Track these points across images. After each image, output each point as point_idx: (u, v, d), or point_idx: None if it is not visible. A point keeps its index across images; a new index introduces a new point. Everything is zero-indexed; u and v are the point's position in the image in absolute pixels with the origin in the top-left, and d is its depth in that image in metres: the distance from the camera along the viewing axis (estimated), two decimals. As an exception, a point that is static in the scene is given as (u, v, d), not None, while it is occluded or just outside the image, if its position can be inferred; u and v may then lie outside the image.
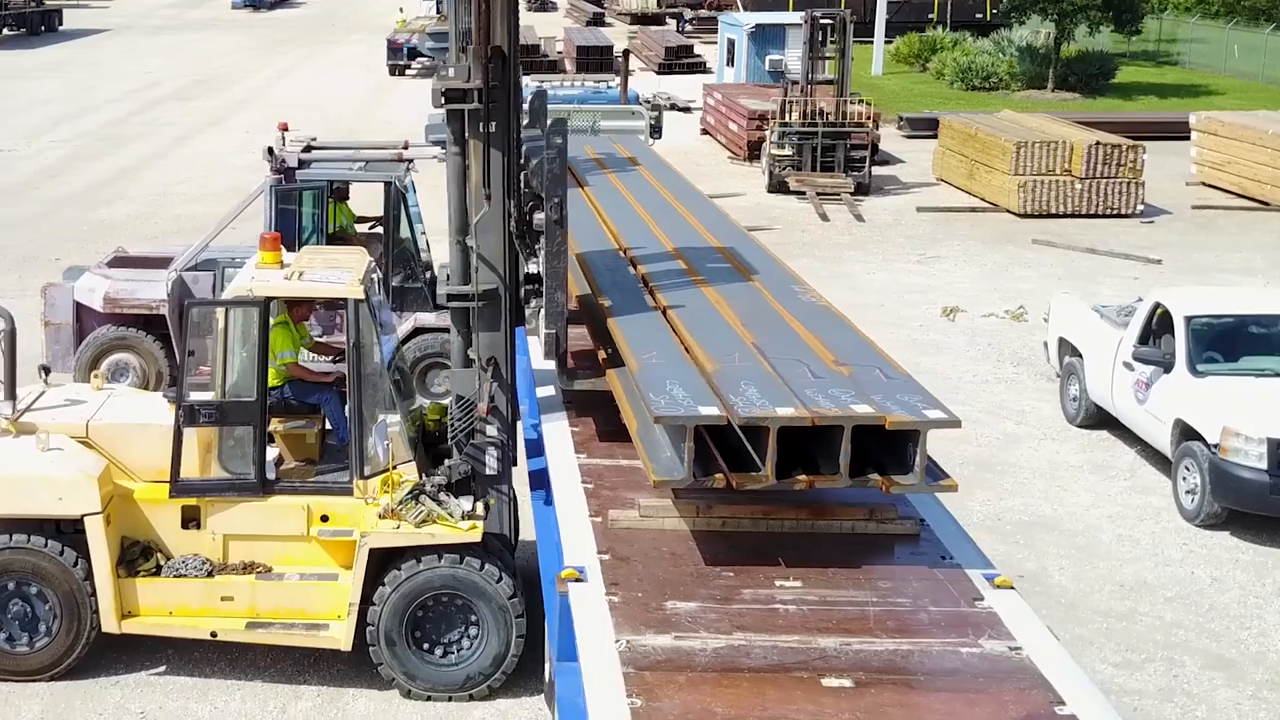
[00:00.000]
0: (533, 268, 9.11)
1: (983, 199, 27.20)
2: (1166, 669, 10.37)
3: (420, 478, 9.28)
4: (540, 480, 9.56)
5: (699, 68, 47.64)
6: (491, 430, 9.49)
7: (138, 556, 9.36)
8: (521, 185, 9.25)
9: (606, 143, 17.75)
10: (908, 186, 29.11)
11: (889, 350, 8.84)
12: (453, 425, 9.45)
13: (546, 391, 10.18)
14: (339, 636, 9.22)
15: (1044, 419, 15.51)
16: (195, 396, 9.32)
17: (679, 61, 49.29)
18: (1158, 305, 13.81)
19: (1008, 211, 26.11)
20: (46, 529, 9.24)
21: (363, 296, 9.20)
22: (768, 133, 28.15)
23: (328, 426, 10.01)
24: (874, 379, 7.90)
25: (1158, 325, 13.81)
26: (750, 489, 7.48)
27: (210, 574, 9.34)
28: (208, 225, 15.78)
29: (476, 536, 9.04)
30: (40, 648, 9.32)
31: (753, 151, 30.57)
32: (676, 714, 6.20)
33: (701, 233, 11.82)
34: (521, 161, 9.30)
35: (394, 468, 9.27)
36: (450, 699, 9.39)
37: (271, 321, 9.70)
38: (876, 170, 29.84)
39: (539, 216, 8.82)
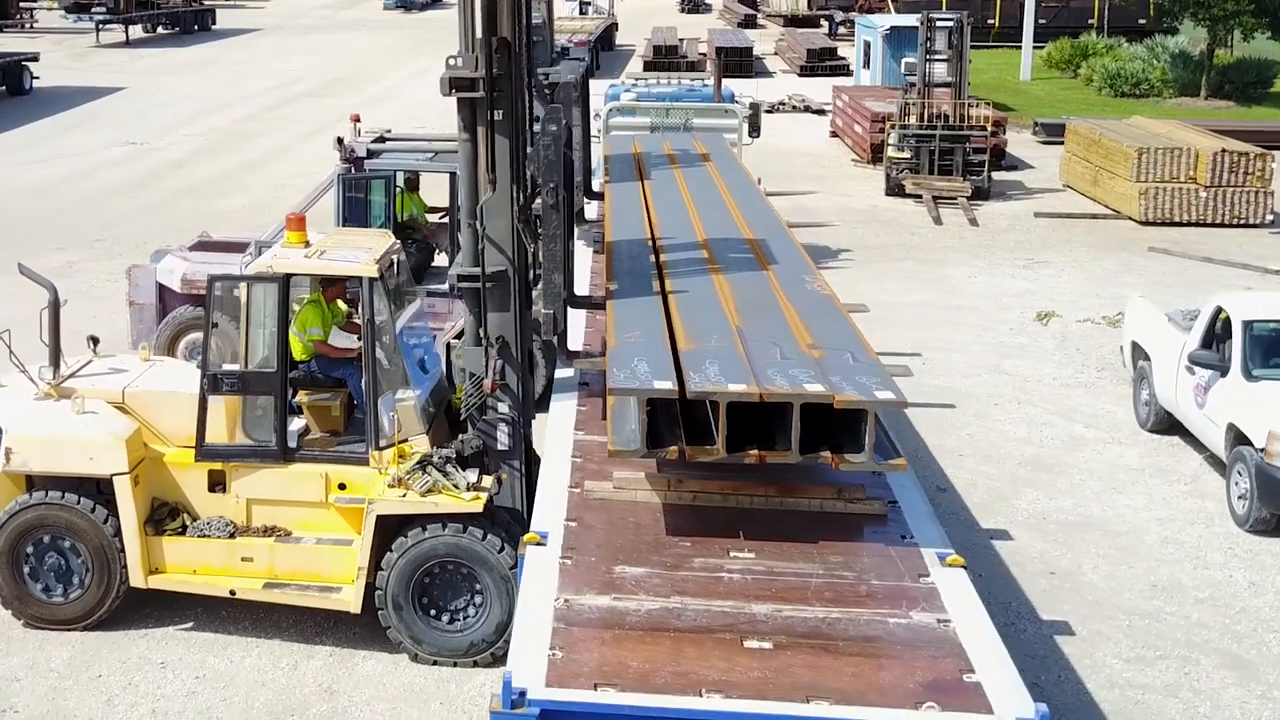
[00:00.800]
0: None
1: (1106, 206, 26.99)
2: (1179, 666, 10.48)
3: (431, 450, 9.85)
4: None
5: (841, 70, 47.74)
6: (503, 407, 10.04)
7: (165, 516, 10.14)
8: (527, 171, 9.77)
9: (686, 140, 18.24)
10: (1031, 192, 28.95)
11: (963, 349, 9.16)
12: (465, 402, 10.02)
13: (565, 372, 10.75)
14: (349, 599, 9.85)
15: (1116, 423, 15.54)
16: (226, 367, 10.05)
17: (821, 64, 49.41)
18: (1219, 310, 13.83)
19: (1129, 219, 25.87)
20: (82, 488, 10.03)
21: (376, 276, 9.83)
22: (886, 135, 28.29)
23: (353, 400, 10.63)
24: (841, 362, 8.25)
25: (1220, 330, 13.82)
26: (704, 460, 7.90)
27: (232, 535, 10.06)
28: (316, 216, 16.60)
29: (478, 507, 9.58)
30: (74, 599, 10.13)
31: (875, 154, 30.71)
32: (591, 666, 6.67)
33: (739, 226, 12.24)
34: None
35: (401, 441, 9.84)
36: (455, 664, 9.92)
37: (305, 299, 10.42)
38: (1003, 175, 29.79)
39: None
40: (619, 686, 6.52)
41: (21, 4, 53.10)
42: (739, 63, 49.33)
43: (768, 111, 40.27)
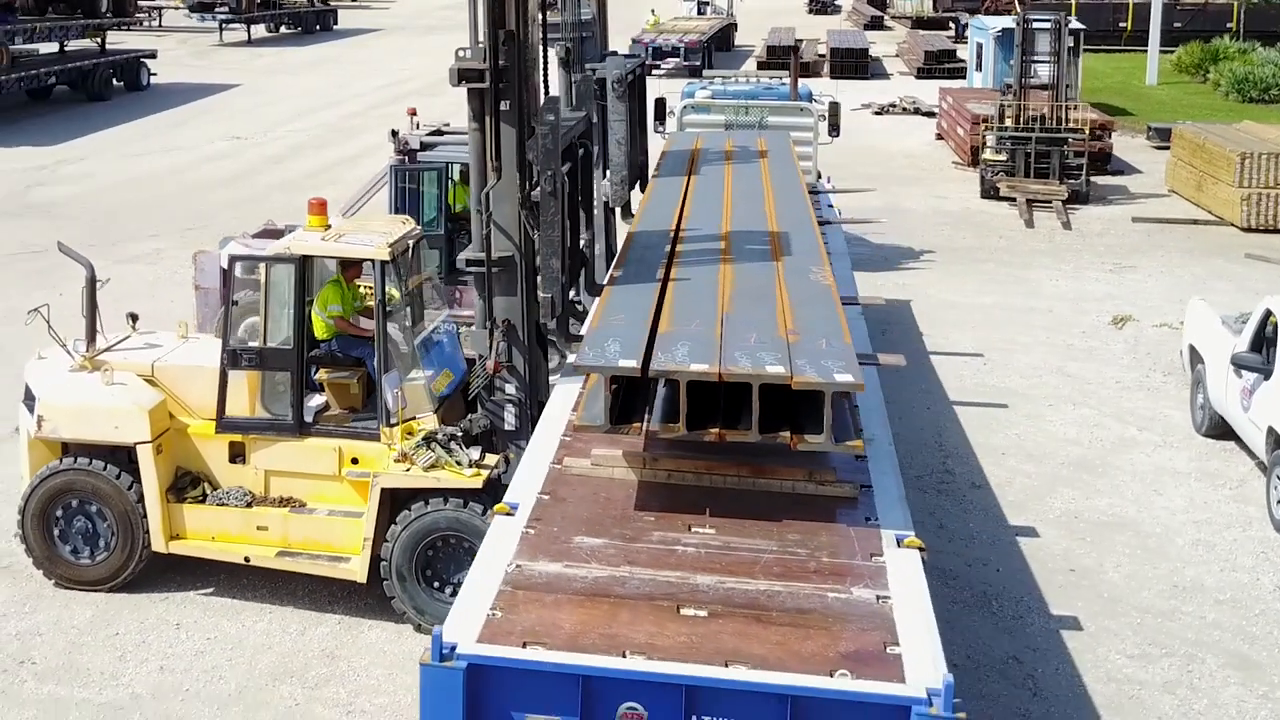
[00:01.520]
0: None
1: (1209, 211, 26.65)
2: (1183, 664, 10.55)
3: (438, 428, 10.32)
4: None
5: (959, 73, 47.51)
6: (510, 389, 10.47)
7: (187, 485, 10.74)
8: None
9: (750, 137, 18.53)
10: (1134, 197, 28.67)
11: (1029, 350, 9.46)
12: (474, 383, 10.48)
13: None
14: (356, 569, 10.36)
15: (1171, 427, 15.51)
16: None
17: (939, 66, 49.24)
18: (1269, 313, 13.76)
19: (1231, 225, 25.53)
20: (112, 456, 10.67)
21: (388, 259, 10.32)
22: (981, 137, 28.26)
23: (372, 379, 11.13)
24: (812, 347, 8.52)
25: (1270, 333, 13.76)
26: (667, 437, 8.25)
27: (249, 505, 10.64)
28: (374, 208, 17.22)
29: (478, 483, 10.02)
30: (100, 561, 10.80)
31: (976, 156, 30.63)
32: (524, 626, 7.06)
33: (768, 220, 12.51)
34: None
35: (410, 419, 10.31)
36: (458, 636, 10.35)
37: (326, 280, 10.97)
38: (1107, 180, 29.55)
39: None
40: (547, 645, 6.88)
41: (145, 4, 54.90)
42: (854, 64, 49.43)
43: (876, 113, 40.46)
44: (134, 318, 11.57)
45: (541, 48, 10.87)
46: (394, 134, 15.14)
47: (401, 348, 10.70)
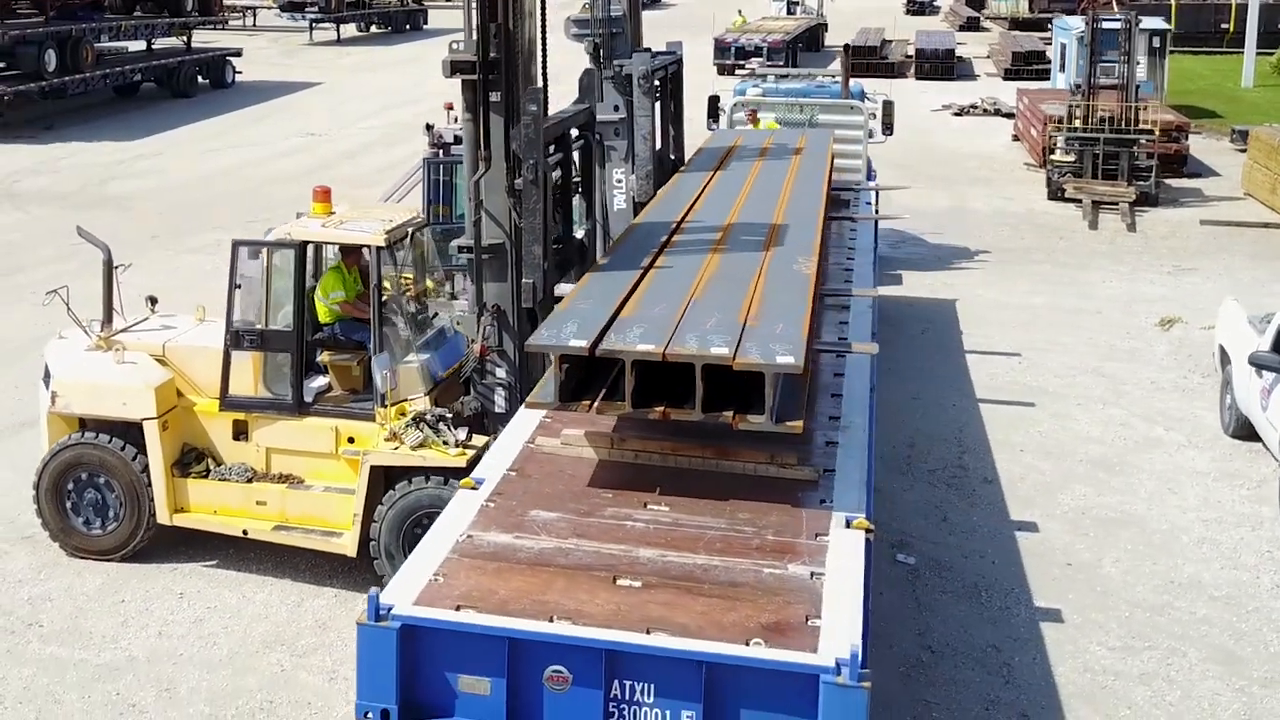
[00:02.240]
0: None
1: (1283, 214, 26.40)
2: (1164, 657, 10.65)
3: (427, 409, 10.71)
4: None
5: (1047, 74, 47.19)
6: (500, 372, 10.84)
7: (192, 460, 11.23)
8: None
9: (793, 135, 18.75)
10: (1208, 200, 28.43)
11: (1069, 350, 9.98)
12: (465, 366, 10.86)
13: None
14: (348, 544, 10.81)
15: (1199, 427, 15.50)
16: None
17: (1026, 67, 48.95)
18: (1290, 311, 13.77)
19: (1306, 229, 25.29)
20: (127, 433, 11.20)
21: (383, 245, 10.74)
22: (1050, 138, 28.19)
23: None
24: (767, 332, 8.77)
25: (1294, 333, 13.76)
26: (615, 415, 8.56)
27: (250, 480, 11.12)
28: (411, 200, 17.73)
29: (462, 462, 10.40)
30: (110, 531, 11.36)
31: (1047, 157, 30.54)
32: (461, 590, 7.42)
33: (776, 214, 12.72)
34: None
35: (398, 400, 10.72)
36: (445, 613, 10.74)
37: (327, 266, 11.42)
38: (1183, 182, 29.34)
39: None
40: (479, 609, 7.22)
41: (239, 3, 56.21)
42: (939, 65, 49.29)
43: (955, 115, 40.37)
44: (153, 301, 12.11)
45: (541, 41, 11.21)
46: (429, 128, 15.60)
47: (400, 332, 11.09)
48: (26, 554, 11.69)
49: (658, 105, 16.54)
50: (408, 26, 60.39)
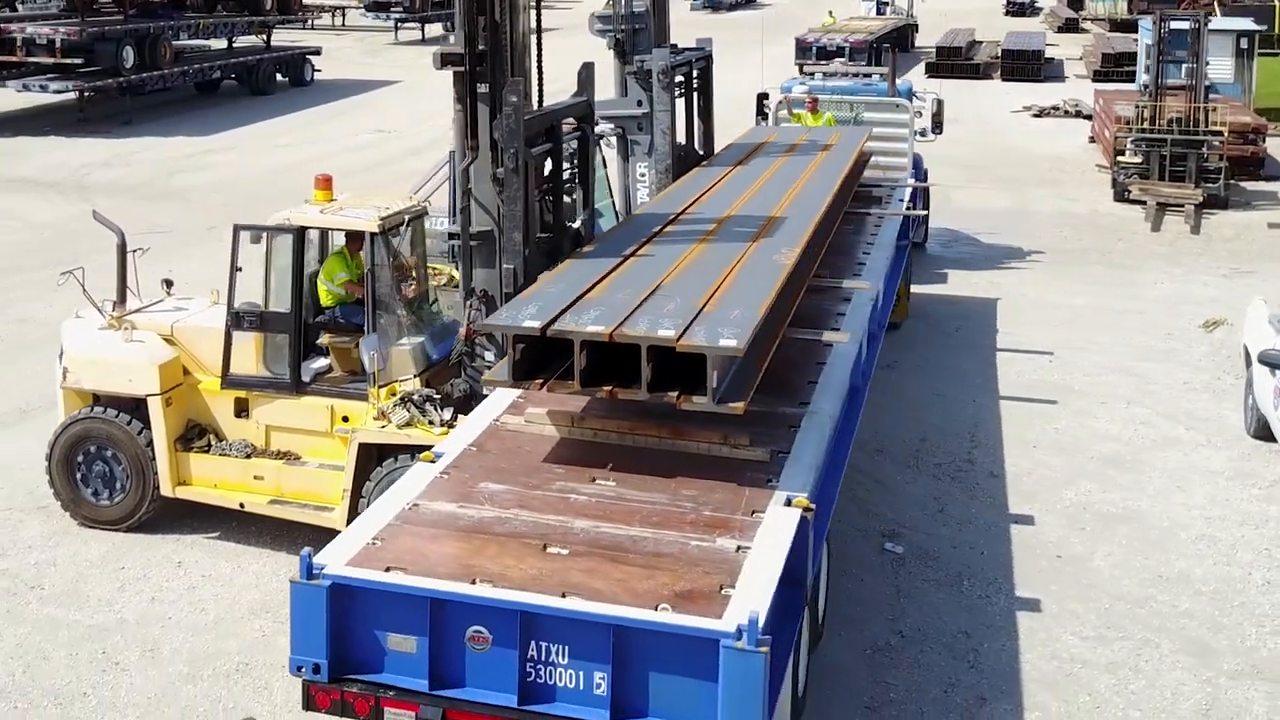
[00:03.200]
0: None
1: (1366, 218, 26.12)
2: (1136, 648, 10.82)
3: (415, 389, 11.19)
4: None
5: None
6: (488, 355, 11.28)
7: (195, 435, 11.81)
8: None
9: (827, 131, 19.05)
10: (1281, 202, 28.20)
11: (1104, 350, 11.68)
12: (455, 350, 11.32)
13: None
14: (338, 518, 11.29)
15: (1222, 428, 15.56)
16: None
17: (1117, 69, 48.53)
18: (1305, 309, 13.82)
19: (1384, 233, 25.03)
20: (136, 409, 11.82)
21: (378, 231, 11.24)
22: (1118, 139, 28.14)
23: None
24: (721, 316, 9.15)
25: (1310, 332, 13.82)
26: (562, 393, 8.98)
27: (249, 456, 11.66)
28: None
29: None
30: (116, 502, 12.00)
31: (1114, 158, 30.44)
32: (394, 553, 7.88)
33: (778, 207, 13.07)
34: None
35: (388, 381, 11.21)
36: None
37: (331, 251, 11.95)
38: (1259, 185, 29.11)
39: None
40: (407, 571, 7.66)
41: (325, 3, 57.37)
42: (1025, 66, 49.02)
43: (1035, 116, 40.25)
44: (169, 284, 12.71)
45: (536, 34, 11.65)
46: (456, 122, 16.03)
47: (394, 315, 11.57)
48: (40, 523, 12.36)
49: (682, 101, 16.94)
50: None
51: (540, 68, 11.84)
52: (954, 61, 48.84)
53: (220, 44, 41.95)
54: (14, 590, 11.22)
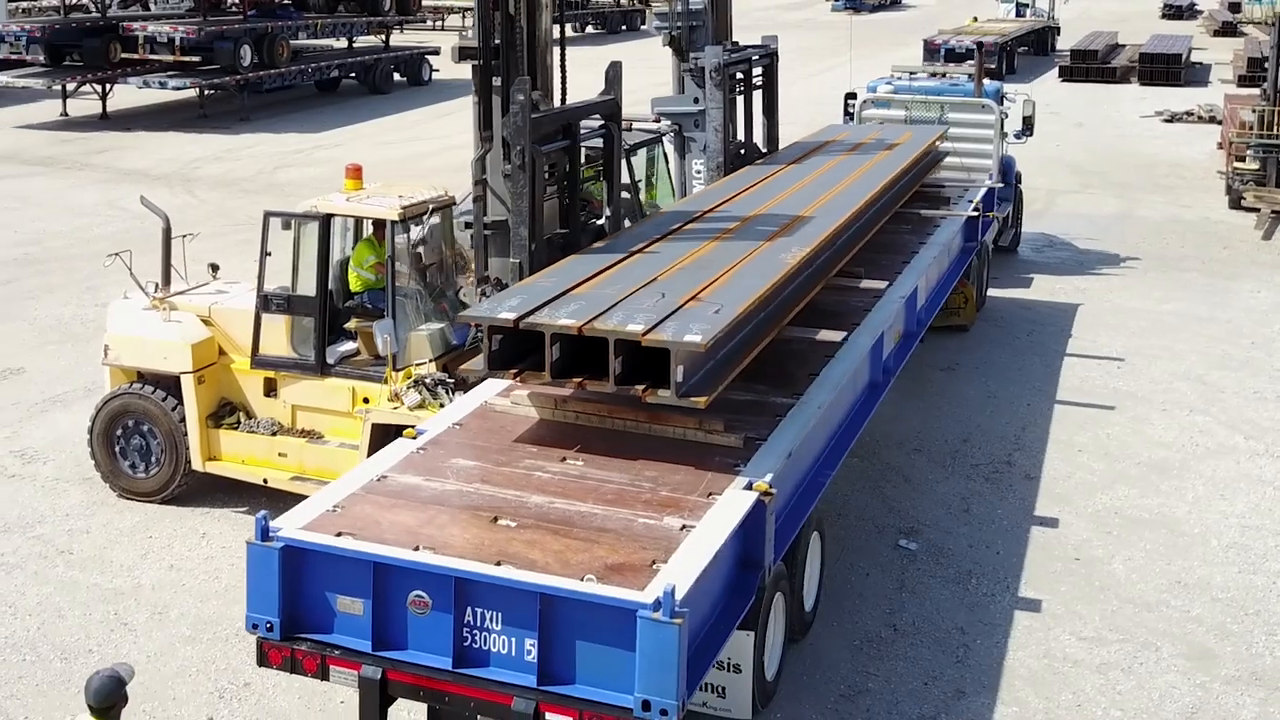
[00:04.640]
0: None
1: None
2: (1133, 651, 10.94)
3: (428, 373, 11.74)
4: None
5: (1282, 80, 45.80)
6: (504, 341, 11.76)
7: (226, 413, 12.51)
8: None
9: (898, 130, 19.26)
10: None
11: (1179, 358, 14.36)
12: (473, 334, 11.85)
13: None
14: (354, 495, 11.87)
15: (1284, 438, 15.45)
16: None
17: (1262, 73, 47.50)
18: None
19: None
20: (162, 382, 12.59)
21: (398, 219, 11.82)
22: (1235, 144, 27.76)
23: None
24: (700, 313, 9.55)
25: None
26: (534, 383, 9.46)
27: (274, 433, 12.32)
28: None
29: (455, 423, 11.36)
30: (151, 475, 12.79)
31: (1230, 164, 29.98)
32: (349, 520, 8.42)
33: (809, 207, 13.39)
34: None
35: (405, 365, 11.76)
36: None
37: (362, 239, 12.58)
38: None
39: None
40: (356, 537, 8.17)
41: (454, 5, 58.54)
42: (1164, 70, 48.24)
43: (1166, 121, 39.69)
44: (215, 268, 13.43)
45: (557, 29, 12.12)
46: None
47: (415, 301, 12.14)
48: (82, 492, 13.20)
49: (740, 99, 17.30)
50: (623, 27, 61.93)
51: (564, 66, 12.30)
52: (1089, 65, 48.23)
53: (341, 44, 43.21)
54: (45, 554, 12.03)
